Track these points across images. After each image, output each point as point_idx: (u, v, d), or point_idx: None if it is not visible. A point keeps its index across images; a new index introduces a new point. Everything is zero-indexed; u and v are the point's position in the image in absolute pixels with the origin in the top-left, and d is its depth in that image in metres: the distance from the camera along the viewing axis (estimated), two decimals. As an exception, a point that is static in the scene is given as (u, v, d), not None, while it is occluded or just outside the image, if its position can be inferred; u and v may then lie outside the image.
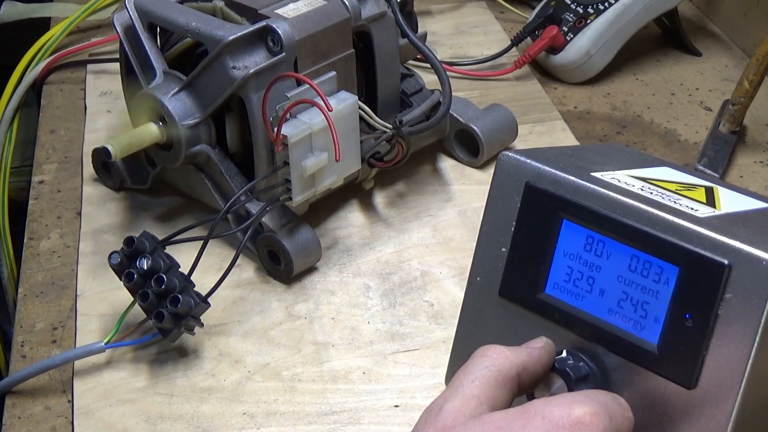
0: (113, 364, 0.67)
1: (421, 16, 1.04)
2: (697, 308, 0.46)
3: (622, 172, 0.53)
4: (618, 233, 0.48)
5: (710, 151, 0.86)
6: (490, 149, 0.84)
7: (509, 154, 0.53)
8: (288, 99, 0.68)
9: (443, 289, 0.73)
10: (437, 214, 0.80)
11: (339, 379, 0.66)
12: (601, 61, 0.97)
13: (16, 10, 1.04)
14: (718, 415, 0.45)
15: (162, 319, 0.63)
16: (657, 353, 0.47)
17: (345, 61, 0.74)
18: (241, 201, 0.70)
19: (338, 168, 0.71)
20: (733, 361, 0.45)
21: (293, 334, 0.70)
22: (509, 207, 0.52)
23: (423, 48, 0.77)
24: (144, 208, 0.81)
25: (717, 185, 0.55)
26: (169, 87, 0.72)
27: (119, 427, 0.63)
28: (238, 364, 0.67)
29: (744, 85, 0.85)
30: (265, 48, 0.70)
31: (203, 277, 0.68)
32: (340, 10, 0.73)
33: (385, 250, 0.77)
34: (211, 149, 0.73)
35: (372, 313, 0.71)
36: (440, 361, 0.65)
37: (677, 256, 0.46)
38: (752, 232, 0.48)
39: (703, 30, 1.07)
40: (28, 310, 0.72)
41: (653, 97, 0.96)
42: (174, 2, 0.74)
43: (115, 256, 0.64)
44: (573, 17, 0.96)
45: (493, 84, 0.97)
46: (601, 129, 0.92)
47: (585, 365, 0.49)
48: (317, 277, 0.74)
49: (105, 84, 0.96)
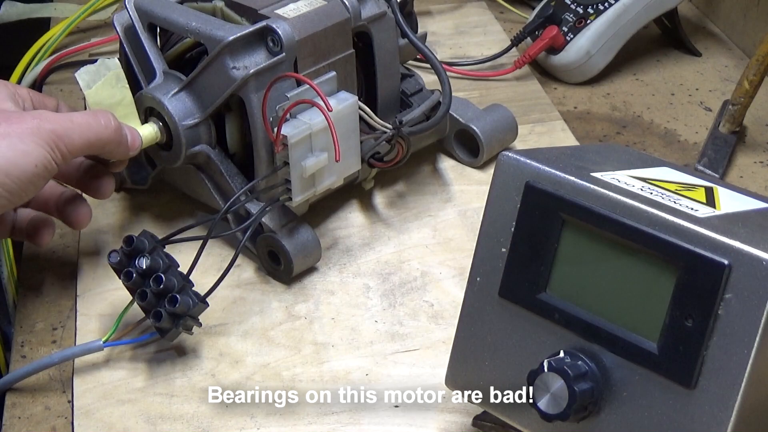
0: (113, 364, 0.67)
1: (421, 16, 1.04)
2: (697, 308, 0.46)
3: (622, 172, 0.53)
4: (618, 233, 0.48)
5: (710, 151, 0.87)
6: (490, 149, 0.84)
7: (509, 154, 0.53)
8: (288, 99, 0.68)
9: (443, 289, 0.73)
10: (437, 214, 0.80)
11: (339, 379, 0.66)
12: (601, 61, 0.97)
13: (16, 10, 1.04)
14: (718, 415, 0.45)
15: (160, 318, 0.63)
16: (657, 353, 0.47)
17: (345, 61, 0.74)
18: (241, 201, 0.70)
19: (338, 168, 0.71)
20: (733, 361, 0.45)
21: (293, 334, 0.70)
22: (509, 207, 0.52)
23: (423, 48, 0.77)
24: (144, 208, 0.81)
25: (717, 185, 0.55)
26: (169, 87, 0.72)
27: (119, 427, 0.63)
28: (238, 364, 0.67)
29: (744, 85, 0.85)
30: (265, 48, 0.70)
31: (203, 277, 0.68)
32: (340, 10, 0.73)
33: (385, 250, 0.77)
34: (211, 149, 0.73)
35: (372, 314, 0.71)
36: (440, 361, 0.65)
37: (677, 256, 0.46)
38: (752, 232, 0.48)
39: (703, 30, 1.07)
40: (28, 310, 0.72)
41: (653, 97, 0.96)
42: (174, 2, 0.74)
43: (115, 255, 0.64)
44: (573, 17, 0.96)
45: (493, 84, 0.97)
46: (601, 129, 0.92)
47: (584, 364, 0.49)
48: (317, 277, 0.74)
49: (105, 84, 0.96)
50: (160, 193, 0.81)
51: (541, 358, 0.49)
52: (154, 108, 0.72)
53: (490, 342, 0.54)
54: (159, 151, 0.74)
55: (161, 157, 0.74)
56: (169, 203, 0.81)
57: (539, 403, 0.49)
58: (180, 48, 0.75)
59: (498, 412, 0.54)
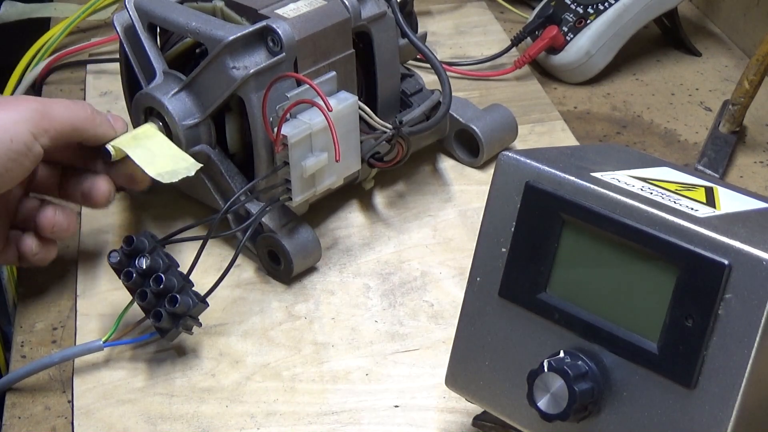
0: (113, 364, 0.67)
1: (421, 16, 1.04)
2: (697, 308, 0.46)
3: (622, 172, 0.53)
4: (618, 233, 0.48)
5: (710, 151, 0.87)
6: (490, 149, 0.84)
7: (509, 154, 0.53)
8: (288, 99, 0.68)
9: (443, 289, 0.73)
10: (437, 214, 0.80)
11: (339, 379, 0.66)
12: (601, 61, 0.97)
13: (16, 10, 1.04)
14: (718, 415, 0.45)
15: (160, 318, 0.63)
16: (657, 353, 0.47)
17: (345, 61, 0.74)
18: (241, 201, 0.70)
19: (338, 168, 0.71)
20: (733, 361, 0.45)
21: (293, 334, 0.70)
22: (509, 207, 0.52)
23: (423, 48, 0.77)
24: (144, 208, 0.81)
25: (717, 185, 0.55)
26: (169, 87, 0.72)
27: (119, 427, 0.63)
28: (238, 364, 0.67)
29: (744, 85, 0.85)
30: (265, 48, 0.70)
31: (203, 277, 0.68)
32: (340, 10, 0.73)
33: (385, 250, 0.77)
34: (211, 149, 0.73)
35: (372, 314, 0.71)
36: (440, 361, 0.65)
37: (677, 256, 0.46)
38: (752, 232, 0.48)
39: (703, 30, 1.07)
40: (28, 310, 0.72)
41: (653, 97, 0.96)
42: (174, 2, 0.74)
43: (115, 255, 0.64)
44: (573, 17, 0.96)
45: (493, 84, 0.97)
46: (601, 129, 0.92)
47: (584, 364, 0.49)
48: (317, 277, 0.74)
49: (105, 84, 0.96)
50: (160, 193, 0.81)
51: (541, 358, 0.49)
52: (154, 108, 0.72)
53: (490, 342, 0.54)
54: (159, 151, 0.74)
55: (161, 157, 0.74)
56: (169, 203, 0.81)
57: (539, 403, 0.49)
58: (180, 48, 0.75)
59: (498, 412, 0.54)
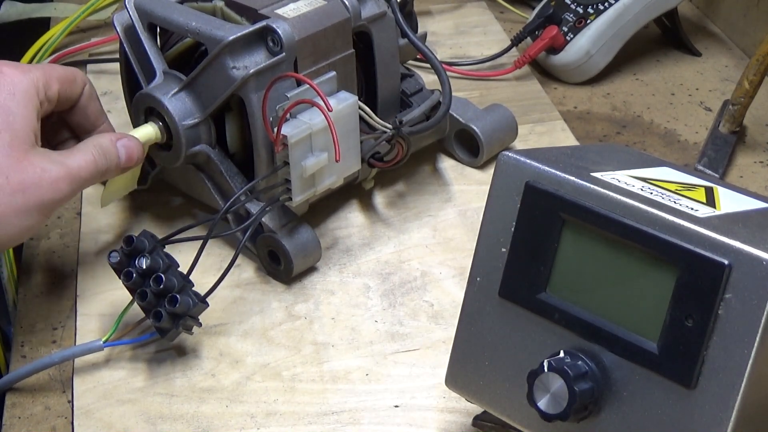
0: (113, 363, 0.67)
1: (421, 16, 1.04)
2: (697, 308, 0.46)
3: (622, 172, 0.53)
4: (618, 233, 0.48)
5: (710, 151, 0.87)
6: (490, 149, 0.84)
7: (509, 154, 0.53)
8: (288, 99, 0.68)
9: (443, 289, 0.73)
10: (437, 214, 0.80)
11: (339, 379, 0.66)
12: (601, 61, 0.97)
13: (16, 10, 1.04)
14: (718, 415, 0.45)
15: (160, 318, 0.63)
16: (657, 353, 0.47)
17: (345, 61, 0.74)
18: (241, 201, 0.70)
19: (338, 168, 0.71)
20: (733, 361, 0.45)
21: (293, 334, 0.70)
22: (509, 207, 0.52)
23: (423, 48, 0.77)
24: (144, 208, 0.81)
25: (717, 185, 0.55)
26: (169, 87, 0.72)
27: (119, 427, 0.63)
28: (238, 364, 0.67)
29: (744, 85, 0.85)
30: (265, 48, 0.70)
31: (203, 277, 0.68)
32: (340, 10, 0.73)
33: (385, 250, 0.77)
34: (211, 149, 0.73)
35: (372, 314, 0.71)
36: (440, 361, 0.65)
37: (677, 256, 0.46)
38: (752, 232, 0.48)
39: (703, 30, 1.07)
40: (28, 310, 0.72)
41: (653, 97, 0.96)
42: (174, 2, 0.74)
43: (115, 255, 0.64)
44: (573, 17, 0.96)
45: (493, 84, 0.97)
46: (601, 129, 0.92)
47: (584, 364, 0.49)
48: (317, 277, 0.74)
49: (105, 84, 0.96)
50: (160, 193, 0.81)
51: (541, 358, 0.49)
52: (154, 108, 0.72)
53: (490, 342, 0.54)
54: (159, 151, 0.74)
55: (161, 157, 0.74)
56: (169, 203, 0.81)
57: (539, 403, 0.49)
58: (180, 48, 0.75)
59: (498, 412, 0.54)
